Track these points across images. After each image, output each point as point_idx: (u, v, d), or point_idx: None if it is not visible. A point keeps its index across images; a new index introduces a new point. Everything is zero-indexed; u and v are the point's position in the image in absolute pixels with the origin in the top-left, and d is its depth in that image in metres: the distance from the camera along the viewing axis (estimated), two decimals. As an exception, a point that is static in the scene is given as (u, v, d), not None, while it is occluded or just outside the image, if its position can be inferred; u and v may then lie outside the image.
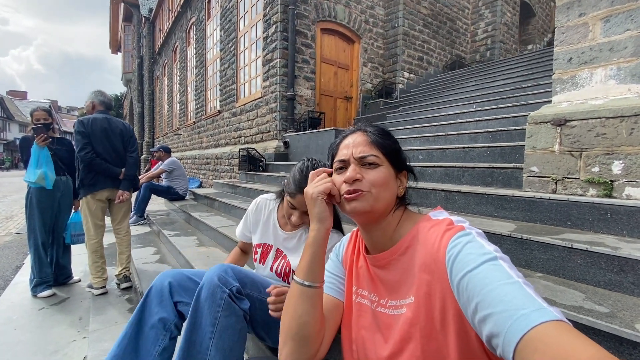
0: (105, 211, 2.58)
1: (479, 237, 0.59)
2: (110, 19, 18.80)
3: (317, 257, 0.71)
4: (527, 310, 0.44)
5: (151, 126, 14.97)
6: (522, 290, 0.48)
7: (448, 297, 0.59)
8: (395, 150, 0.73)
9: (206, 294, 0.97)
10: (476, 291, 0.51)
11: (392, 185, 0.71)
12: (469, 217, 1.85)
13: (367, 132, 0.73)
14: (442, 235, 0.62)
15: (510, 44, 8.54)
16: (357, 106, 6.70)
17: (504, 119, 3.25)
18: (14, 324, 2.16)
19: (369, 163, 0.69)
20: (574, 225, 1.49)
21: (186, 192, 5.30)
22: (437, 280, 0.61)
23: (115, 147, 2.54)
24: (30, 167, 2.46)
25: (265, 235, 1.32)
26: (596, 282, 1.17)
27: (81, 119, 2.47)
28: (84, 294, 2.60)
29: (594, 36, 1.63)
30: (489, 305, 0.48)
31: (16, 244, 4.37)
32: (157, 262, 2.89)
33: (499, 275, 0.51)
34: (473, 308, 0.51)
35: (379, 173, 0.69)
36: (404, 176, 0.75)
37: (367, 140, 0.71)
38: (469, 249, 0.57)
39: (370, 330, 0.72)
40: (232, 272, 1.03)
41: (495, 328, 0.46)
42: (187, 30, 10.10)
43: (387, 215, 0.71)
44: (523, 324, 0.43)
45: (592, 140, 1.57)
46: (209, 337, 0.95)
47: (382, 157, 0.70)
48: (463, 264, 0.55)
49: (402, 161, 0.74)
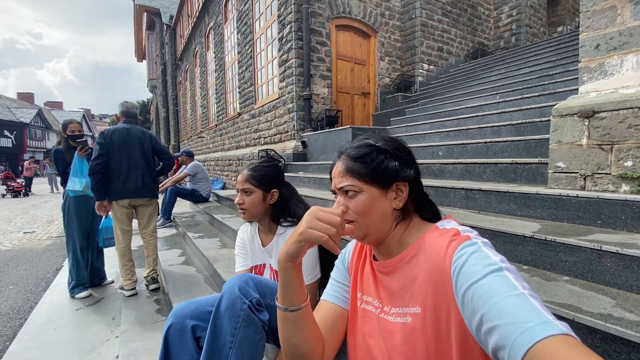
0: (131, 217, 2.70)
1: (484, 247, 0.58)
2: (135, 27, 19.59)
3: (290, 283, 0.69)
4: (533, 324, 0.44)
5: (176, 130, 15.51)
6: (528, 303, 0.47)
7: (452, 308, 0.58)
8: (374, 170, 0.69)
9: (227, 304, 0.99)
10: (481, 303, 0.50)
11: (379, 207, 0.69)
12: (490, 217, 1.78)
13: (344, 158, 0.72)
14: (447, 245, 0.61)
15: (538, 27, 8.07)
16: (375, 102, 6.60)
17: (530, 110, 3.08)
18: (54, 324, 2.32)
19: (348, 191, 0.69)
20: (605, 225, 1.40)
21: (209, 194, 5.46)
22: (442, 291, 0.60)
23: (132, 156, 2.60)
24: (73, 177, 2.65)
25: (255, 257, 1.42)
26: (628, 287, 1.09)
27: (102, 130, 2.61)
28: (117, 295, 2.75)
29: (623, 20, 1.51)
30: (494, 318, 0.48)
31: (56, 247, 4.68)
32: (182, 263, 3.00)
33: (504, 287, 0.50)
34: (478, 320, 0.51)
35: (357, 202, 0.68)
36: (403, 186, 0.70)
37: (343, 170, 0.71)
38: (474, 259, 0.56)
39: (375, 338, 0.72)
40: (252, 282, 1.04)
41: (501, 341, 0.46)
42: (206, 34, 10.34)
43: (389, 232, 0.71)
44: (529, 338, 0.43)
45: (624, 132, 1.46)
46: (229, 346, 0.97)
47: (359, 183, 0.69)
48: (468, 275, 0.54)
49: (388, 175, 0.69)
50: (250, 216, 1.34)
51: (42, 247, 4.74)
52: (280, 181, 1.38)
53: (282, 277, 0.69)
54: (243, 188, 1.32)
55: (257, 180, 1.31)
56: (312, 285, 1.22)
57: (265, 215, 1.36)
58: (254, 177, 1.32)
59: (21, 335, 2.19)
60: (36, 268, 3.76)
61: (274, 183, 1.34)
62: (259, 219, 1.36)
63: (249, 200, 1.31)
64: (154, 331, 2.06)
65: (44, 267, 3.79)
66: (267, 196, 1.33)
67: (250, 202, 1.31)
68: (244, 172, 1.34)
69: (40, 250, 4.56)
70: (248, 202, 1.31)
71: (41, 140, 34.92)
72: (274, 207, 1.35)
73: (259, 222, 1.40)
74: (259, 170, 1.33)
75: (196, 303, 1.17)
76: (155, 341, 1.92)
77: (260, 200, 1.31)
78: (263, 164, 1.37)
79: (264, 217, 1.36)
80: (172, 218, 4.91)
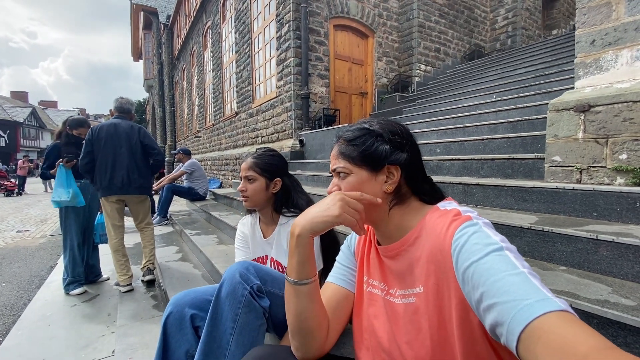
0: (121, 212, 2.67)
1: (485, 227, 0.59)
2: (131, 27, 19.49)
3: (306, 257, 0.71)
4: (532, 300, 0.45)
5: (173, 130, 15.43)
6: (528, 281, 0.48)
7: (453, 286, 0.59)
8: (364, 152, 0.70)
9: (227, 290, 0.98)
10: (481, 281, 0.51)
11: (368, 189, 0.70)
12: (488, 210, 1.79)
13: (339, 141, 0.75)
14: (448, 226, 0.62)
15: (533, 29, 8.17)
16: (373, 101, 6.63)
17: (526, 108, 3.11)
18: (48, 320, 2.29)
19: (341, 173, 0.72)
20: (601, 216, 1.41)
21: (206, 192, 5.44)
22: (443, 270, 0.61)
23: (118, 152, 2.54)
24: (59, 187, 2.57)
25: (256, 249, 1.41)
26: (623, 275, 1.10)
27: (92, 127, 2.58)
28: (113, 291, 2.73)
29: (617, 16, 1.53)
30: (494, 295, 0.48)
31: (50, 246, 4.63)
32: (179, 260, 2.98)
33: (504, 266, 0.51)
34: (478, 297, 0.51)
35: (347, 183, 0.71)
36: (395, 169, 0.70)
37: (336, 152, 0.74)
38: (475, 239, 0.56)
39: (380, 320, 0.73)
40: (253, 269, 1.04)
41: (500, 317, 0.47)
42: (204, 34, 10.33)
43: (383, 216, 0.72)
44: (527, 314, 0.44)
45: (619, 125, 1.48)
46: (230, 332, 0.96)
47: (350, 166, 0.71)
48: (469, 253, 0.55)
49: (378, 158, 0.70)
50: (253, 204, 1.33)
51: (36, 245, 4.69)
52: (283, 171, 1.37)
53: (301, 252, 0.70)
54: (246, 175, 1.31)
55: (260, 168, 1.31)
56: None
57: (268, 204, 1.35)
58: (258, 164, 1.31)
59: (15, 332, 2.16)
60: (30, 266, 3.72)
61: (277, 172, 1.34)
62: (261, 207, 1.35)
63: (251, 188, 1.30)
64: (151, 326, 2.04)
65: (37, 265, 3.74)
66: (270, 184, 1.32)
67: (253, 190, 1.30)
68: (248, 160, 1.33)
69: (34, 248, 4.51)
70: (251, 189, 1.30)
71: (35, 139, 34.58)
72: (277, 196, 1.34)
73: (261, 212, 1.39)
74: (263, 158, 1.33)
75: (195, 292, 1.16)
76: (152, 336, 1.91)
77: (263, 188, 1.31)
78: (267, 153, 1.37)
79: (266, 206, 1.35)
80: (169, 216, 4.88)
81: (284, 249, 1.29)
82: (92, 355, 1.85)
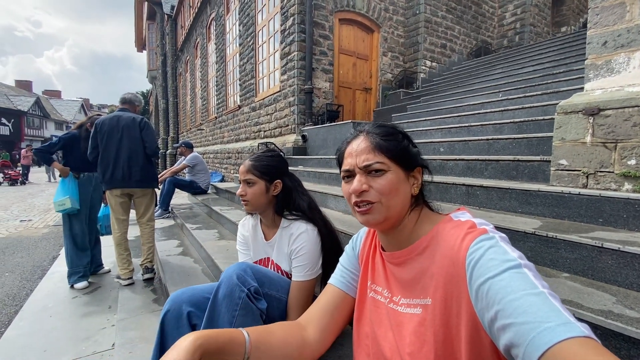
0: (125, 206, 2.68)
1: (502, 242, 0.56)
2: (135, 17, 19.40)
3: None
4: (553, 324, 0.42)
5: (175, 122, 15.42)
6: (548, 302, 0.45)
7: (464, 302, 0.57)
8: (402, 150, 0.67)
9: (225, 292, 0.98)
10: (497, 298, 0.49)
11: (403, 188, 0.67)
12: (491, 213, 1.77)
13: (369, 135, 0.69)
14: (463, 238, 0.59)
15: (542, 26, 8.03)
16: (377, 97, 6.57)
17: (532, 108, 3.07)
18: (50, 311, 2.31)
19: (374, 170, 0.66)
20: (606, 223, 1.39)
21: (208, 186, 5.44)
22: (455, 284, 0.59)
23: (119, 145, 2.54)
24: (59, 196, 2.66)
25: (258, 251, 1.38)
26: (628, 285, 1.08)
27: (96, 121, 2.58)
28: (114, 284, 2.74)
29: (631, 17, 1.49)
30: (511, 315, 0.46)
31: (53, 236, 4.66)
32: (180, 254, 2.99)
33: (522, 284, 0.48)
34: (492, 315, 0.49)
35: (386, 180, 0.65)
36: (418, 172, 0.70)
37: (370, 146, 0.67)
38: (492, 254, 0.54)
39: (383, 327, 0.71)
40: (251, 271, 1.03)
41: (516, 339, 0.45)
42: (207, 26, 10.24)
43: (404, 219, 0.69)
44: (547, 338, 0.41)
45: (628, 130, 1.45)
46: None
47: (388, 162, 0.66)
48: (485, 269, 0.53)
49: (412, 159, 0.69)
50: (253, 208, 1.28)
51: (39, 235, 4.72)
52: (283, 171, 1.32)
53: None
54: (245, 179, 1.26)
55: (259, 171, 1.25)
56: (313, 281, 1.20)
57: (269, 207, 1.30)
58: (257, 167, 1.26)
59: (17, 322, 2.18)
60: (32, 256, 3.75)
61: (277, 173, 1.29)
62: (262, 211, 1.31)
63: (251, 192, 1.25)
64: (151, 320, 2.05)
65: (40, 255, 3.77)
66: (270, 187, 1.27)
67: (253, 194, 1.25)
68: (246, 163, 1.28)
69: (37, 238, 4.55)
70: (250, 193, 1.25)
71: (39, 128, 34.65)
72: (278, 198, 1.30)
73: (262, 214, 1.34)
74: (262, 160, 1.28)
75: (193, 290, 1.15)
76: (152, 330, 1.92)
77: (263, 192, 1.26)
78: (266, 154, 1.31)
79: (267, 209, 1.30)
80: (170, 209, 4.89)
81: (285, 253, 1.27)
82: (93, 348, 1.87)
